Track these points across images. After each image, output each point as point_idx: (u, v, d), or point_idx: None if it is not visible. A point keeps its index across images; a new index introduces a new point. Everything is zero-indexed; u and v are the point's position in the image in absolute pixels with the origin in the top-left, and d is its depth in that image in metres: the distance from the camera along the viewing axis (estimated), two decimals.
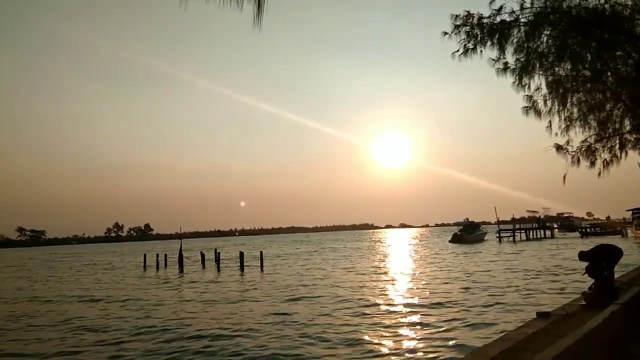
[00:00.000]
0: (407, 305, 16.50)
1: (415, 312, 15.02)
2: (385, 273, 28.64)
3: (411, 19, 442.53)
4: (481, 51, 12.35)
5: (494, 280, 22.31)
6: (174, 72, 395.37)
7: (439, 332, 12.19)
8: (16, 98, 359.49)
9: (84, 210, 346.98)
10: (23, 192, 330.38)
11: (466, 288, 19.83)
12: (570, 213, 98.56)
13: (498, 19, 12.02)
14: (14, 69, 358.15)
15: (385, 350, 10.85)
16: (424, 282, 22.95)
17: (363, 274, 28.51)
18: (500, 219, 69.19)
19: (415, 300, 17.38)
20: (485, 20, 12.10)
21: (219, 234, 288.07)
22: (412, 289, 21.17)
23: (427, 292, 19.16)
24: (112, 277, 35.05)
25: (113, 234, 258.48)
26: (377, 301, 17.55)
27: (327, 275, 28.02)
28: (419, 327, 12.99)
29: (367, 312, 15.36)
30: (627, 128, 13.82)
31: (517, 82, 13.03)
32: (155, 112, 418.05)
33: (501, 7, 11.90)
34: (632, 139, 13.84)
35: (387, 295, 19.37)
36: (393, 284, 22.91)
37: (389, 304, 16.86)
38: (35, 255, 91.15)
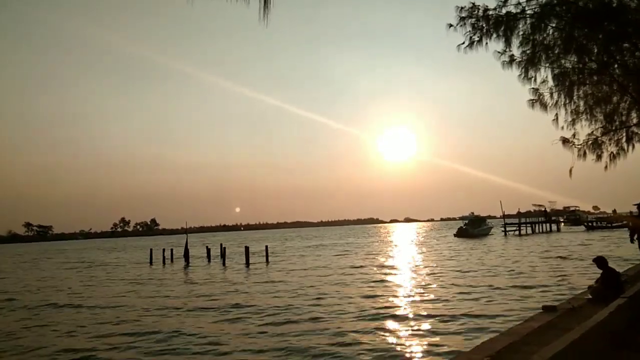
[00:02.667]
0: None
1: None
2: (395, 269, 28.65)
3: (418, 12, 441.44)
4: (487, 43, 12.29)
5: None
6: (180, 68, 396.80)
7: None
8: (23, 95, 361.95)
9: (90, 205, 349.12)
10: (30, 188, 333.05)
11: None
12: (577, 206, 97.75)
13: (504, 10, 11.96)
14: (22, 66, 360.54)
15: None
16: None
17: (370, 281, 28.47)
18: (505, 213, 68.73)
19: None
20: (490, 12, 12.03)
21: (224, 228, 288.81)
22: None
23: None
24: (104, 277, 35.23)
25: (119, 229, 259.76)
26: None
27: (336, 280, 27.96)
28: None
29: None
30: (634, 121, 13.68)
31: (523, 75, 12.94)
32: (161, 107, 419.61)
33: None
34: (639, 132, 13.70)
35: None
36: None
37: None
38: (31, 252, 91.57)
